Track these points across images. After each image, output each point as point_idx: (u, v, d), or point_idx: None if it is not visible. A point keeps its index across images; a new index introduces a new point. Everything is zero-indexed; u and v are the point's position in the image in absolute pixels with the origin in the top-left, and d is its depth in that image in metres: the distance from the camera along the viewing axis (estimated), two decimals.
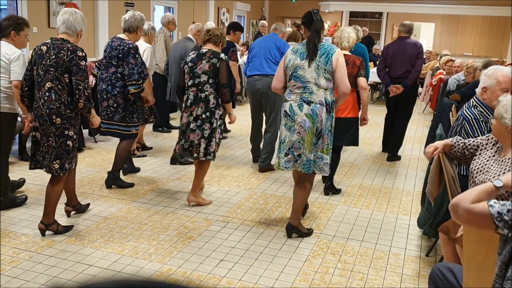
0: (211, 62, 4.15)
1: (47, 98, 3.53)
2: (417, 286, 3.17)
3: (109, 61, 4.59)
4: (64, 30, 3.63)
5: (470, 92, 5.55)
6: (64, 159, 3.60)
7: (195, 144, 4.21)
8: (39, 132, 3.58)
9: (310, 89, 3.60)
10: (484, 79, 3.28)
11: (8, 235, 3.64)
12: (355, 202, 4.66)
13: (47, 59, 3.53)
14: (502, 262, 1.90)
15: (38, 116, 3.56)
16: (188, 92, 4.22)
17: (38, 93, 3.57)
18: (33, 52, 3.64)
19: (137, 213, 4.16)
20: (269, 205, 4.48)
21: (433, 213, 3.52)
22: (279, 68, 3.80)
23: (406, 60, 6.08)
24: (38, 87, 3.58)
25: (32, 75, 3.63)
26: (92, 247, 3.51)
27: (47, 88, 3.53)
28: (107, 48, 4.66)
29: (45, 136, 3.56)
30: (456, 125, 3.39)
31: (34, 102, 3.61)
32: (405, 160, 6.30)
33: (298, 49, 3.69)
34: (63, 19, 3.61)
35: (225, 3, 14.23)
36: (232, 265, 3.33)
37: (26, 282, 3.02)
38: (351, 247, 3.70)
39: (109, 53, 4.60)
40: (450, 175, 3.00)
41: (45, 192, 3.71)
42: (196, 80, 4.17)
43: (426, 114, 9.97)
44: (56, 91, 3.53)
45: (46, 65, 3.53)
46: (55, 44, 3.57)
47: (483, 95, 3.29)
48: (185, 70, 4.25)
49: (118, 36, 4.70)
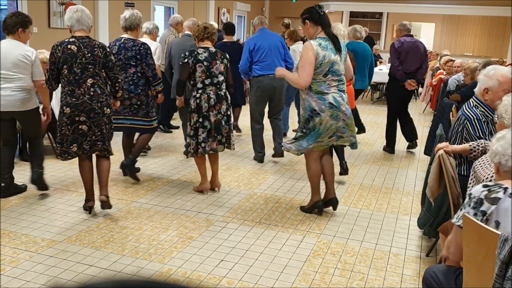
0: (224, 63, 4.51)
1: (93, 93, 3.83)
2: (417, 286, 3.17)
3: (126, 62, 4.76)
4: (80, 27, 3.84)
5: (470, 92, 5.54)
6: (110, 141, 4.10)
7: (226, 138, 4.62)
8: (87, 125, 3.86)
9: (342, 80, 4.06)
10: (485, 80, 3.27)
11: (8, 235, 3.64)
12: (355, 202, 4.66)
13: (82, 57, 3.78)
14: (502, 261, 1.90)
15: (85, 110, 3.82)
16: (206, 91, 4.42)
17: (79, 89, 3.80)
18: (56, 52, 3.77)
19: (137, 213, 4.16)
20: (269, 206, 4.48)
21: (434, 213, 3.53)
22: (310, 65, 3.88)
23: (418, 57, 6.41)
24: (76, 84, 3.79)
25: (58, 74, 3.82)
26: (92, 247, 3.51)
27: (90, 84, 3.82)
28: (120, 50, 4.76)
29: (97, 126, 3.90)
30: (457, 125, 3.39)
31: (73, 98, 3.80)
32: (405, 160, 6.31)
33: (326, 45, 3.93)
34: (77, 17, 3.81)
35: (226, 3, 14.24)
36: (232, 265, 3.33)
37: (26, 282, 3.02)
38: (351, 247, 3.70)
39: (125, 55, 4.75)
40: (450, 175, 3.01)
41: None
42: (214, 80, 4.43)
43: (427, 114, 9.97)
44: (99, 85, 3.87)
45: (83, 63, 3.78)
46: (84, 42, 3.81)
47: (484, 96, 3.28)
48: (193, 67, 4.37)
49: (124, 36, 4.82)
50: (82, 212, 4.12)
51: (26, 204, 4.26)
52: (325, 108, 3.95)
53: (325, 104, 3.95)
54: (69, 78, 3.79)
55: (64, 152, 3.92)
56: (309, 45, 3.91)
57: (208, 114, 4.43)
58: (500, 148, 2.08)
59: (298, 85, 4.02)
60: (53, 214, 4.06)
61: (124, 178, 4.99)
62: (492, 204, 1.96)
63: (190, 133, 4.51)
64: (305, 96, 4.05)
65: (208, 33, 4.51)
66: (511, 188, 1.98)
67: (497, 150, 2.10)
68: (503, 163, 2.08)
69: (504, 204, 1.93)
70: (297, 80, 3.97)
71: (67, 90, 3.82)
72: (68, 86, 3.81)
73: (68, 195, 4.51)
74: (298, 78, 3.94)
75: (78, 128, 3.85)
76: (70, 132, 3.86)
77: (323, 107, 3.96)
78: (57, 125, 3.98)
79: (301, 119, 4.22)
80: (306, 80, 3.91)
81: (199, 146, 4.47)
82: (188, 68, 4.38)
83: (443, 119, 4.81)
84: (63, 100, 3.85)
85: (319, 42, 3.91)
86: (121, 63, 4.74)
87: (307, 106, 4.03)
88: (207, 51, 4.43)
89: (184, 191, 4.75)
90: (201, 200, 4.53)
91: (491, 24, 16.21)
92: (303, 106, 4.10)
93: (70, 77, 3.78)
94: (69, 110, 3.81)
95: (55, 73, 3.82)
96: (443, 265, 2.41)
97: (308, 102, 4.01)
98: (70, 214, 4.08)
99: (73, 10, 3.83)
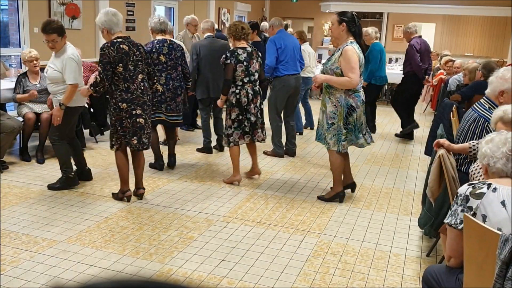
0: (259, 61, 4.93)
1: (144, 88, 4.23)
2: (418, 286, 3.17)
3: (176, 61, 5.28)
4: (119, 29, 4.21)
5: (470, 92, 5.55)
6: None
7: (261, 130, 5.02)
8: (143, 118, 4.21)
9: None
10: (501, 82, 3.25)
11: (9, 235, 3.64)
12: (355, 203, 4.66)
13: (133, 55, 4.14)
14: (503, 262, 1.90)
15: (139, 104, 4.17)
16: (244, 87, 4.81)
17: (133, 85, 4.14)
18: (109, 52, 4.01)
19: (137, 213, 4.16)
20: (270, 206, 4.48)
21: (434, 214, 3.52)
22: (357, 66, 4.22)
23: (428, 56, 7.44)
24: (131, 80, 4.13)
25: (112, 73, 4.08)
26: (93, 247, 3.51)
27: (140, 79, 4.21)
28: (171, 51, 5.22)
29: (149, 118, 4.31)
30: (473, 127, 3.34)
31: (128, 93, 4.12)
32: (405, 161, 6.31)
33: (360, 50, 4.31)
34: (116, 21, 4.16)
35: (226, 4, 14.23)
36: (233, 265, 3.33)
37: (27, 282, 3.02)
38: (352, 247, 3.70)
39: (175, 55, 5.26)
40: (450, 175, 3.01)
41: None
42: (251, 78, 4.84)
43: (427, 115, 9.97)
44: (146, 80, 4.31)
45: (135, 61, 4.16)
46: (130, 42, 4.19)
47: (499, 98, 3.27)
48: (235, 67, 4.72)
49: (165, 38, 5.27)
50: (83, 212, 4.13)
51: (26, 204, 4.26)
52: (360, 105, 4.36)
53: (360, 100, 4.36)
54: (124, 76, 4.10)
55: (127, 143, 4.23)
56: (352, 48, 4.20)
57: (248, 108, 4.83)
58: (489, 151, 2.21)
59: (351, 85, 4.23)
60: (53, 214, 4.06)
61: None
62: (478, 199, 2.09)
63: (233, 125, 4.85)
64: (340, 94, 4.29)
65: (244, 33, 4.81)
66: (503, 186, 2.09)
67: (486, 152, 2.23)
68: (492, 164, 2.21)
69: (489, 198, 2.07)
70: (349, 82, 4.20)
71: (122, 87, 4.11)
72: (123, 83, 4.11)
73: (69, 195, 4.52)
74: (350, 79, 4.18)
75: (136, 122, 4.19)
76: (130, 125, 4.18)
77: (359, 103, 4.35)
78: (114, 121, 4.19)
79: (328, 116, 4.38)
80: (357, 80, 4.24)
81: (244, 137, 4.88)
82: (232, 68, 4.73)
83: (443, 119, 4.81)
84: (118, 96, 4.11)
85: (357, 46, 4.28)
86: (172, 62, 5.23)
87: (344, 104, 4.29)
88: (245, 52, 4.79)
89: (185, 191, 4.75)
90: (202, 200, 4.53)
91: (491, 24, 16.20)
92: (335, 103, 4.32)
93: (126, 74, 4.10)
94: (125, 105, 4.12)
95: (109, 73, 4.05)
96: (443, 265, 2.42)
97: (346, 100, 4.29)
98: (70, 214, 4.08)
99: (111, 13, 4.12)
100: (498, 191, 2.07)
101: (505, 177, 2.17)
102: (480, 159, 2.28)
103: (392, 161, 6.27)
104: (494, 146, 2.20)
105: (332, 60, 4.32)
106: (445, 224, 2.23)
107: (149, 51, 5.04)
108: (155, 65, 5.07)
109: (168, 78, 5.21)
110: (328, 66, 4.34)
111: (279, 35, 6.02)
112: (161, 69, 5.17)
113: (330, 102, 4.34)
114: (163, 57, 5.17)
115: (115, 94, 4.12)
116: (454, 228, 2.17)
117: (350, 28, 4.26)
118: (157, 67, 5.10)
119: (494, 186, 2.10)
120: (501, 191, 2.07)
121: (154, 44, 5.17)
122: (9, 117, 5.29)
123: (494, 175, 2.21)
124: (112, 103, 4.15)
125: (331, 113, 4.34)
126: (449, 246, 2.27)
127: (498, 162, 2.17)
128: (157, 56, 5.14)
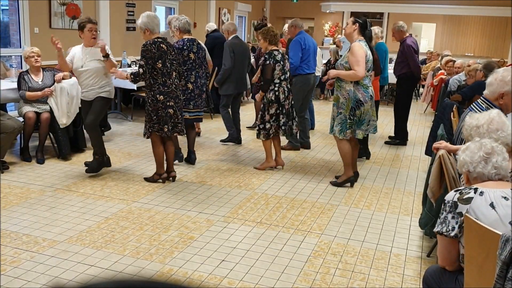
0: (288, 62, 5.55)
1: (177, 84, 4.81)
2: (418, 286, 3.17)
3: (202, 60, 5.58)
4: (158, 30, 4.72)
5: (471, 92, 5.56)
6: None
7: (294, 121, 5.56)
8: (173, 109, 4.74)
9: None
10: (501, 84, 3.24)
11: (10, 235, 3.64)
12: (356, 203, 4.66)
13: (169, 54, 4.70)
14: (503, 262, 1.90)
15: (173, 97, 4.73)
16: (281, 85, 5.35)
17: (169, 80, 4.70)
18: (151, 49, 4.53)
19: (138, 213, 4.16)
20: (270, 206, 4.48)
21: (435, 214, 3.52)
22: (364, 60, 4.64)
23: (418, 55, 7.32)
24: (168, 76, 4.68)
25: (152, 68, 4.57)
26: (93, 247, 3.51)
27: (174, 76, 4.76)
28: (199, 50, 5.53)
29: (179, 110, 4.84)
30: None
31: (165, 87, 4.67)
32: (406, 161, 6.31)
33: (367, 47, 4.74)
34: (157, 23, 4.71)
35: (226, 4, 14.23)
36: (233, 266, 3.33)
37: (27, 282, 3.02)
38: (352, 247, 3.70)
39: (202, 54, 5.58)
40: (451, 175, 3.01)
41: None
42: (286, 76, 5.40)
43: (427, 115, 9.97)
44: (178, 78, 4.88)
45: (171, 59, 4.71)
46: (168, 43, 4.73)
47: (499, 100, 3.26)
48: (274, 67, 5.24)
49: (191, 37, 5.52)
50: (83, 212, 4.13)
51: (27, 204, 4.27)
52: (368, 99, 4.76)
53: (368, 95, 4.76)
54: (163, 71, 4.63)
55: (159, 130, 4.72)
56: (359, 44, 4.67)
57: (284, 103, 5.36)
58: (467, 158, 2.27)
59: (357, 77, 4.64)
60: (54, 214, 4.07)
61: (125, 179, 5.01)
62: (466, 204, 2.13)
63: (271, 119, 5.36)
64: (349, 87, 4.72)
65: (278, 39, 5.45)
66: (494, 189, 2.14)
67: (464, 160, 2.29)
68: (472, 170, 2.26)
69: (477, 202, 2.11)
70: (355, 74, 4.62)
71: (160, 81, 4.65)
72: (161, 78, 4.64)
73: (69, 195, 4.52)
74: (356, 72, 4.60)
75: (168, 112, 4.71)
76: (164, 114, 4.71)
77: (367, 98, 4.75)
78: (151, 111, 4.70)
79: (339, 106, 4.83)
80: (363, 72, 4.63)
81: (280, 129, 5.41)
82: (271, 68, 5.25)
83: (444, 119, 4.81)
84: (156, 89, 4.65)
85: (365, 43, 4.73)
86: (199, 61, 5.54)
87: (353, 97, 4.72)
88: (280, 53, 5.33)
89: (185, 191, 4.75)
90: (202, 200, 4.53)
91: (492, 24, 16.20)
92: (345, 95, 4.76)
93: (164, 70, 4.63)
94: (162, 97, 4.67)
95: (150, 67, 4.56)
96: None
97: (354, 93, 4.71)
98: (71, 214, 4.08)
99: (152, 16, 4.69)
100: (485, 194, 2.11)
101: (487, 180, 2.22)
102: (460, 168, 2.34)
103: (392, 161, 6.26)
104: (470, 152, 2.27)
105: (343, 57, 4.88)
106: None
107: (181, 48, 5.35)
108: (185, 62, 5.37)
109: (196, 76, 5.51)
110: (339, 62, 4.85)
111: (303, 35, 6.39)
112: (191, 67, 5.46)
113: (341, 95, 4.81)
114: (192, 55, 5.45)
115: (154, 87, 4.65)
116: (446, 236, 2.18)
117: (361, 30, 4.76)
118: (187, 65, 5.39)
119: (480, 190, 2.14)
120: (488, 194, 2.11)
121: (185, 42, 5.44)
122: (10, 117, 5.28)
123: (477, 180, 2.25)
124: (150, 95, 4.68)
125: (342, 104, 4.81)
126: (441, 255, 2.28)
127: (478, 166, 2.23)
128: (188, 54, 5.42)
